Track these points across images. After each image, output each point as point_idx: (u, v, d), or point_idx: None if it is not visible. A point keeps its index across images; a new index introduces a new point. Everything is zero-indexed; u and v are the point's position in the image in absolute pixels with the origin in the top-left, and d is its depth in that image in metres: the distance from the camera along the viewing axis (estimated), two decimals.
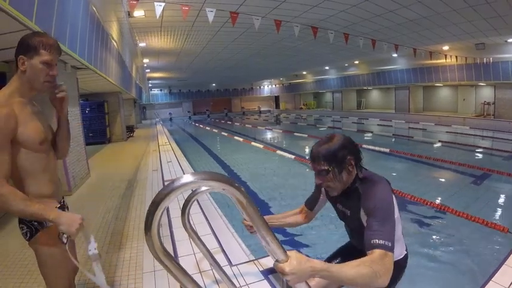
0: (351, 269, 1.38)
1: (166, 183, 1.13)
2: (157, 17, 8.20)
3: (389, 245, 1.52)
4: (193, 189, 1.75)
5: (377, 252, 1.50)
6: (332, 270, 1.35)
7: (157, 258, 1.16)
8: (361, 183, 1.85)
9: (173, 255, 3.33)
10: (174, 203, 4.60)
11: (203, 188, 1.71)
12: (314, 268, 1.29)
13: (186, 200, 1.97)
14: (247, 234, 2.38)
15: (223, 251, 3.36)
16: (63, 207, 1.98)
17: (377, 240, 1.53)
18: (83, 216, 1.70)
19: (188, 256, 3.28)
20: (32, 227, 1.78)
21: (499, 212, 5.85)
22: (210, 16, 8.25)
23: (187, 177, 1.10)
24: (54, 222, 1.60)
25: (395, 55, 19.82)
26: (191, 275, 2.92)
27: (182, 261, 3.23)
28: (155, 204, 1.08)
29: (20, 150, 1.69)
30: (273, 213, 6.02)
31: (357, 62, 25.74)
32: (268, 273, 2.89)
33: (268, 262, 3.05)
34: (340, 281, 1.38)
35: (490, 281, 2.59)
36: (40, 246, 1.80)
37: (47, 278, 1.88)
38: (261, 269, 3.00)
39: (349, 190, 1.88)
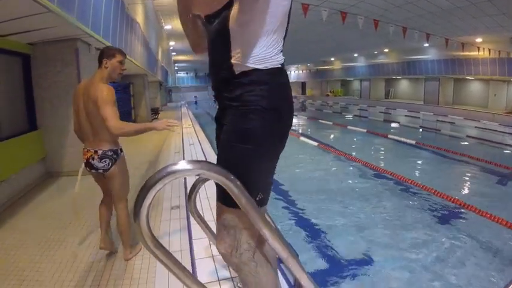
0: None
1: (159, 170, 1.12)
2: None
3: None
4: (197, 176, 1.77)
5: None
6: None
7: (145, 246, 1.17)
8: None
9: (188, 236, 3.43)
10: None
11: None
12: None
13: (192, 185, 1.96)
14: None
15: None
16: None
17: None
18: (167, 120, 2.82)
19: (201, 239, 3.33)
20: (113, 159, 2.92)
21: None
22: None
23: (182, 165, 1.11)
24: (153, 127, 2.81)
25: (426, 44, 19.14)
26: (202, 258, 2.99)
27: (196, 243, 3.29)
28: (145, 189, 1.09)
29: None
30: (292, 201, 6.04)
31: (386, 50, 25.03)
32: (280, 261, 2.83)
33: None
34: None
35: None
36: (117, 169, 2.95)
37: (120, 189, 3.04)
38: None
39: None
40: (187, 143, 9.17)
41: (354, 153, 9.44)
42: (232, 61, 1.34)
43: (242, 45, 1.33)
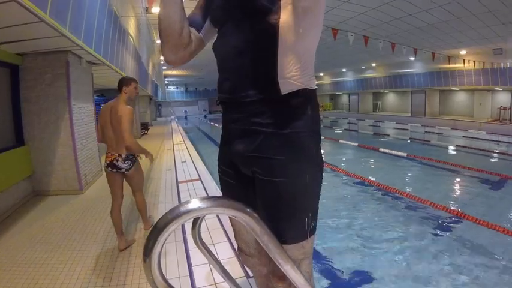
0: None
1: (173, 208, 0.97)
2: None
3: None
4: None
5: None
6: None
7: None
8: None
9: (186, 261, 3.24)
10: None
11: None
12: None
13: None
14: None
15: (240, 260, 3.16)
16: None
17: None
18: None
19: (202, 265, 3.15)
20: (134, 160, 3.80)
21: None
22: None
23: (196, 203, 0.97)
24: (146, 153, 3.80)
25: (412, 58, 19.51)
26: (205, 286, 2.80)
27: (196, 270, 3.10)
28: (156, 232, 0.95)
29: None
30: None
31: (374, 64, 25.41)
32: None
33: None
34: None
35: None
36: (135, 169, 3.83)
37: (137, 184, 3.96)
38: None
39: None
40: (179, 160, 8.93)
41: (347, 168, 9.36)
42: (280, 79, 1.12)
43: (297, 60, 1.13)
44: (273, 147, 1.17)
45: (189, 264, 3.21)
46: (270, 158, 1.17)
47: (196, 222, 1.69)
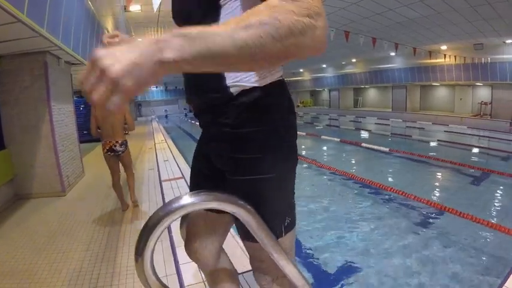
0: (237, 26, 0.67)
1: (164, 204, 0.95)
2: (155, 10, 8.00)
3: None
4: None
5: None
6: (202, 35, 0.65)
7: None
8: None
9: (173, 259, 3.23)
10: None
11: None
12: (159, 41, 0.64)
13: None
14: None
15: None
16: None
17: None
18: None
19: (190, 263, 3.12)
20: (126, 145, 4.83)
21: (503, 213, 5.75)
22: None
23: (188, 198, 0.95)
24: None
25: (393, 54, 19.74)
26: (193, 284, 2.80)
27: (183, 268, 3.09)
28: (147, 229, 0.92)
29: None
30: None
31: (354, 60, 25.63)
32: None
33: None
34: (221, 52, 0.65)
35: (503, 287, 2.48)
36: (127, 151, 4.87)
37: (129, 162, 5.00)
38: None
39: None
40: (162, 159, 8.89)
41: (329, 163, 9.39)
42: (228, 81, 1.10)
43: None
44: (235, 146, 1.16)
45: (176, 262, 3.21)
46: (235, 158, 1.18)
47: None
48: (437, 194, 6.88)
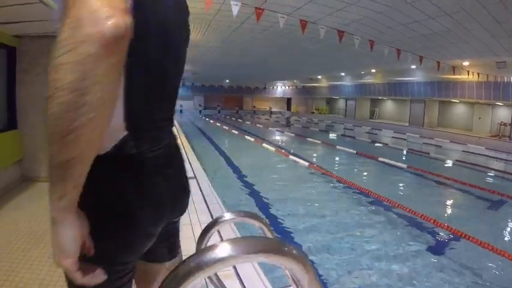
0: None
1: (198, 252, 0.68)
2: None
3: None
4: (215, 219, 1.38)
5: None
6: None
7: None
8: None
9: None
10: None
11: (227, 217, 1.36)
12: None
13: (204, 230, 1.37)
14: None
15: (237, 274, 2.95)
16: None
17: None
18: None
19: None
20: None
21: None
22: (235, 10, 7.96)
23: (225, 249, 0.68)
24: None
25: (413, 67, 19.37)
26: None
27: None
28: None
29: None
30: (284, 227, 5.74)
31: (373, 70, 25.26)
32: None
33: None
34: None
35: None
36: None
37: None
38: None
39: None
40: None
41: (345, 176, 9.02)
42: None
43: None
44: None
45: None
46: None
47: (202, 239, 1.44)
48: (456, 219, 6.57)
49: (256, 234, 3.53)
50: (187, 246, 3.26)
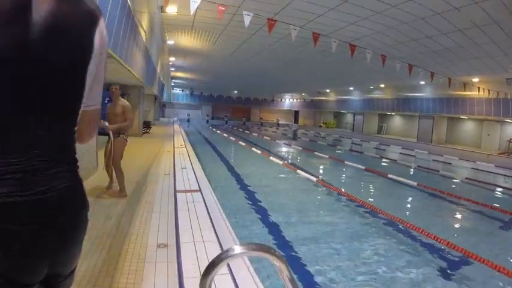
0: None
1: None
2: (191, 13, 7.84)
3: None
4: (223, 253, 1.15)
5: None
6: None
7: None
8: None
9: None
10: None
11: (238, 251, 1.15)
12: None
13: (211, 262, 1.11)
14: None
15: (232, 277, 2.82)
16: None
17: None
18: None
19: None
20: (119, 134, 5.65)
21: None
22: (247, 20, 7.93)
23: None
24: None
25: (423, 82, 19.24)
26: None
27: None
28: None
29: None
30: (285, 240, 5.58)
31: (382, 85, 25.12)
32: None
33: None
34: None
35: None
36: (118, 140, 5.59)
37: (116, 152, 5.55)
38: None
39: None
40: (179, 166, 8.33)
41: (355, 194, 8.50)
42: None
43: None
44: None
45: None
46: None
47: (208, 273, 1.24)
48: (467, 239, 6.30)
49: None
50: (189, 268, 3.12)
